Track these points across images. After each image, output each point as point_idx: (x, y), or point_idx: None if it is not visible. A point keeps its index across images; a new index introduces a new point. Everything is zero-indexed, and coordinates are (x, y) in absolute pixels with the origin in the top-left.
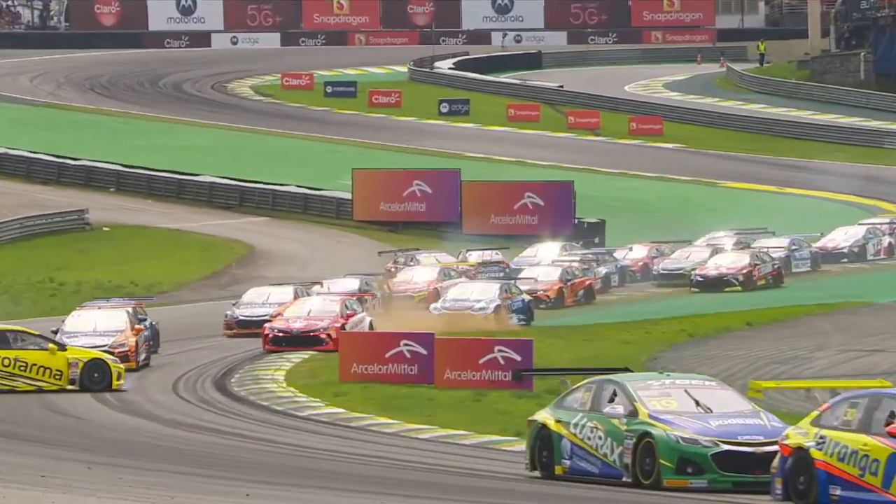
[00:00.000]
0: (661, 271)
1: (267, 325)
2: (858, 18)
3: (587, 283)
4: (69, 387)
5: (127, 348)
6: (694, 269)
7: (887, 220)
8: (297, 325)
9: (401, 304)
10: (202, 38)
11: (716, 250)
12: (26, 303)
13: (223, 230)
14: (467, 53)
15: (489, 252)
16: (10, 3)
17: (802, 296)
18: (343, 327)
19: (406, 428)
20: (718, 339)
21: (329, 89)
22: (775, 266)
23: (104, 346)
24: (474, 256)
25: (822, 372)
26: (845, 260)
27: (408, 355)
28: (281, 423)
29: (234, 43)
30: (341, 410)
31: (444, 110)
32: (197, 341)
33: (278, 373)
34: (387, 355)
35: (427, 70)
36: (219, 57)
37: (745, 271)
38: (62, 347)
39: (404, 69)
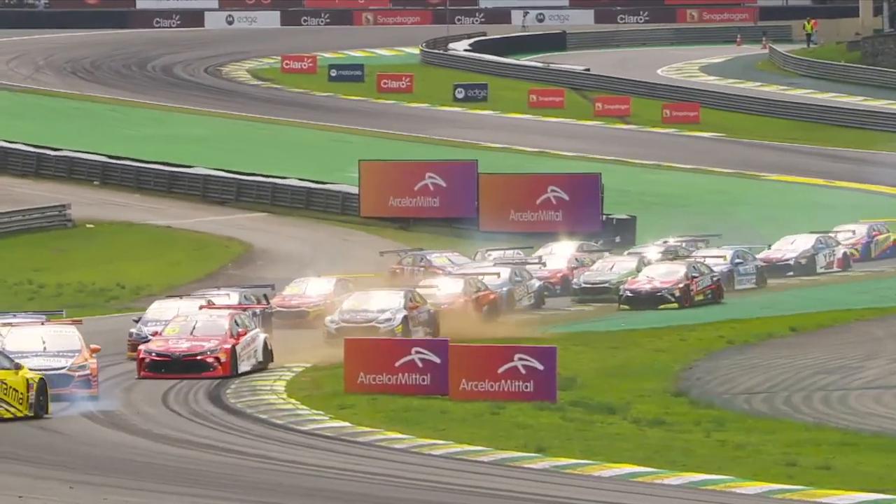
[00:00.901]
0: (583, 285)
1: (142, 346)
2: None
3: (491, 297)
4: (29, 413)
5: (89, 371)
6: (621, 283)
7: (850, 227)
8: (179, 346)
9: (288, 321)
10: (195, 17)
11: (642, 261)
12: (1, 307)
13: (218, 227)
14: (485, 34)
15: (510, 252)
16: None
17: (853, 299)
18: (234, 349)
19: (418, 443)
20: (760, 346)
21: (334, 73)
22: (714, 279)
23: (61, 368)
24: (494, 256)
25: (873, 383)
26: (791, 273)
27: (420, 364)
28: (281, 438)
29: (230, 22)
30: (347, 424)
31: (460, 96)
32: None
33: (278, 383)
34: (397, 364)
35: (441, 52)
36: (213, 38)
37: (681, 285)
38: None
39: (416, 51)
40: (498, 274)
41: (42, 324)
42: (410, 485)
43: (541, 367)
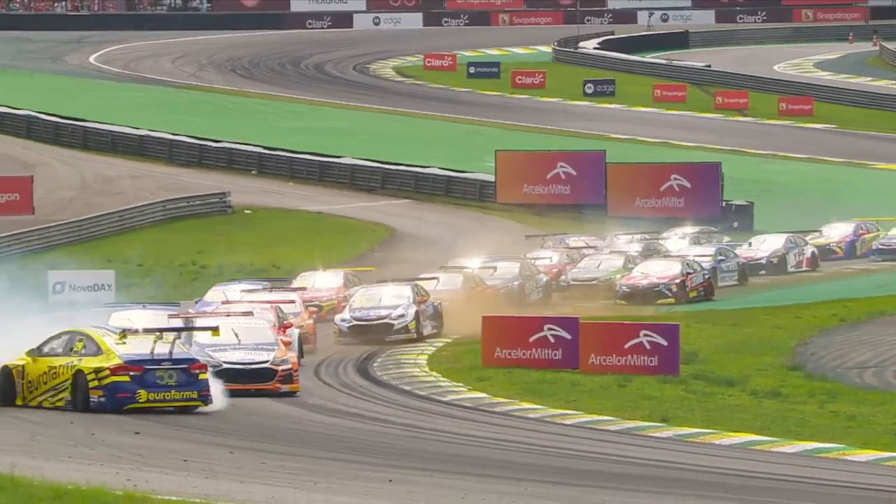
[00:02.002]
0: (571, 282)
1: None
2: None
3: (489, 291)
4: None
5: (290, 366)
6: (610, 280)
7: (828, 226)
8: None
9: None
10: (344, 19)
11: (628, 258)
12: (167, 287)
13: (365, 213)
14: (613, 33)
15: (639, 236)
16: None
17: None
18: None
19: (550, 413)
20: (871, 323)
21: (472, 70)
22: (706, 276)
23: (265, 362)
24: (623, 240)
25: None
26: (763, 272)
27: (552, 340)
28: (423, 408)
29: (377, 23)
30: (484, 395)
31: (589, 91)
32: None
33: (421, 357)
34: (531, 339)
35: (571, 50)
36: (361, 38)
37: (677, 281)
38: None
39: (548, 49)
40: (494, 268)
41: (227, 315)
42: (544, 452)
43: (665, 343)
